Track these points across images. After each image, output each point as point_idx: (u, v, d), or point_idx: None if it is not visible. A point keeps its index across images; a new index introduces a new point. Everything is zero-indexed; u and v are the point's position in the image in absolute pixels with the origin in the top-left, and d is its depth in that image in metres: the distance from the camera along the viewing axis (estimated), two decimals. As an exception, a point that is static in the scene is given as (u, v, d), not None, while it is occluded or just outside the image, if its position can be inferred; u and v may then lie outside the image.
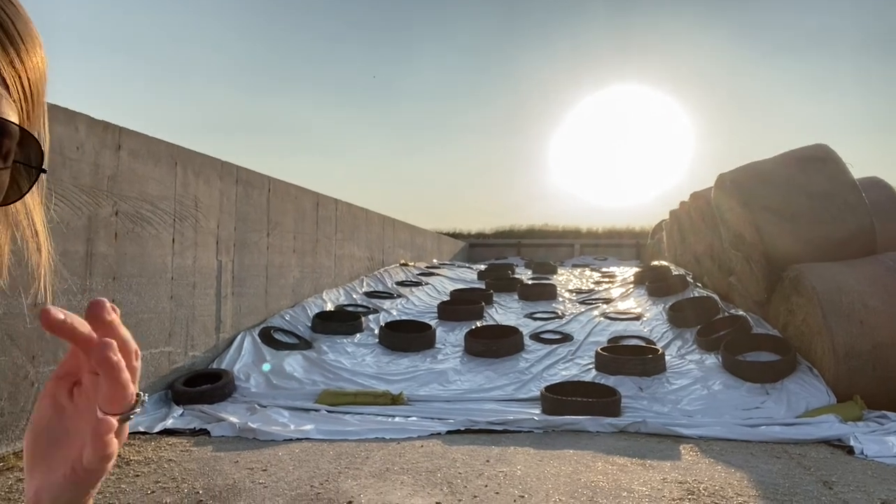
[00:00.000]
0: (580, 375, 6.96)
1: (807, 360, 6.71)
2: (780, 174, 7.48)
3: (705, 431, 5.35)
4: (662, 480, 4.17)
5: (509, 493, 3.92)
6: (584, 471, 4.36)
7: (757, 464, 4.60)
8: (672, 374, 6.84)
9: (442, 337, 8.49)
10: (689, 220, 11.14)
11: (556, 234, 33.30)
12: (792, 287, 7.10)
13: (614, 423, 5.50)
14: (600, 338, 8.33)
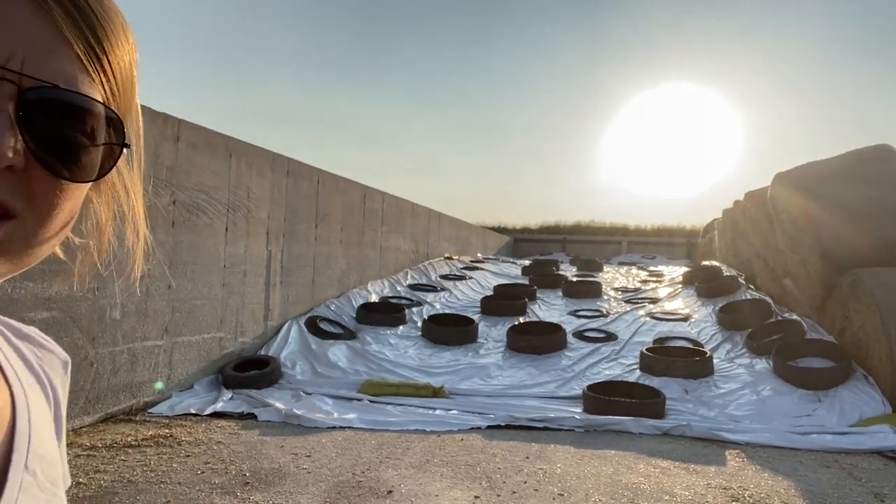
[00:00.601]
0: (624, 375, 6.88)
1: (862, 368, 6.47)
2: (841, 175, 7.21)
3: (753, 437, 5.22)
4: (706, 485, 4.10)
5: (548, 490, 3.92)
6: (626, 472, 4.32)
7: (805, 472, 4.47)
8: (720, 377, 6.69)
9: (484, 331, 8.51)
10: (743, 220, 10.83)
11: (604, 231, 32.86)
12: (850, 292, 6.84)
13: (658, 426, 5.42)
14: (646, 338, 8.21)
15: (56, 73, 0.44)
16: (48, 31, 0.44)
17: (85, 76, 0.46)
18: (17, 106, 0.43)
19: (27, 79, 0.43)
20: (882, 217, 6.83)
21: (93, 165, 0.48)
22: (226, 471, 4.01)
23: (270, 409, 5.42)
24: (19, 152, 0.43)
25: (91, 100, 0.46)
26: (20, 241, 0.46)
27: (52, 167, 0.45)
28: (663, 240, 30.23)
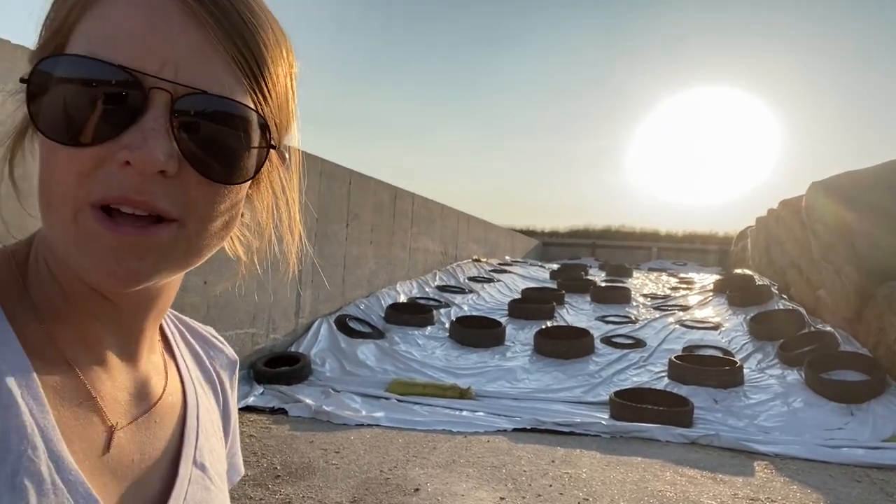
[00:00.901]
0: (652, 383, 6.84)
1: (898, 383, 6.34)
2: (879, 184, 7.07)
3: (782, 449, 5.16)
4: (733, 496, 4.08)
5: (574, 494, 3.95)
6: (652, 479, 4.31)
7: (835, 486, 4.41)
8: (750, 387, 6.61)
9: (512, 335, 8.53)
10: (777, 229, 10.67)
11: (633, 236, 32.55)
12: (886, 304, 6.71)
13: (685, 434, 5.39)
14: (675, 346, 8.15)
15: (207, 80, 0.46)
16: (199, 39, 0.46)
17: (236, 81, 0.47)
18: (170, 113, 0.45)
19: (179, 86, 0.45)
20: (922, 229, 6.69)
21: (244, 168, 0.49)
22: (258, 464, 4.12)
23: (301, 405, 5.54)
24: (173, 157, 0.45)
25: (241, 104, 0.48)
26: (183, 243, 0.47)
27: (204, 170, 0.47)
28: (695, 246, 29.84)
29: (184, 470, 0.56)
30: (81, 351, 0.51)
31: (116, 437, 0.51)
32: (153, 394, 0.57)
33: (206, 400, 0.65)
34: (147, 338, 0.57)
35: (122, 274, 0.45)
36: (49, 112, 0.45)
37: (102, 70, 0.44)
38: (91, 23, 0.46)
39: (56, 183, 0.45)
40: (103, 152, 0.44)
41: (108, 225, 0.44)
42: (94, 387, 0.51)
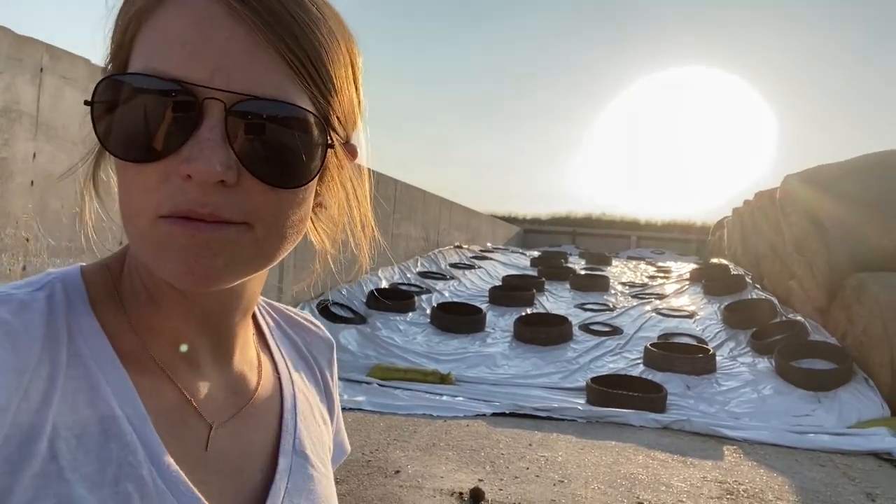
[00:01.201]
0: (627, 369, 7.01)
1: (864, 371, 6.57)
2: (850, 179, 7.27)
3: (751, 435, 5.35)
4: (702, 479, 4.24)
5: (549, 477, 4.07)
6: (625, 462, 4.46)
7: (800, 470, 4.60)
8: (722, 375, 6.81)
9: (492, 321, 8.65)
10: (752, 220, 10.89)
11: (614, 225, 32.84)
12: (854, 296, 6.93)
13: (658, 419, 5.55)
14: (651, 333, 8.33)
15: (259, 84, 0.45)
16: (248, 43, 0.45)
17: (289, 81, 0.47)
18: (224, 121, 0.44)
19: (232, 94, 0.44)
20: (889, 221, 6.89)
21: (305, 169, 0.48)
22: (241, 446, 4.19)
23: (282, 389, 5.60)
24: (231, 166, 0.44)
25: (294, 105, 0.47)
26: (252, 244, 0.47)
27: (264, 176, 0.46)
28: (673, 235, 30.21)
29: (283, 460, 0.58)
30: (175, 357, 0.53)
31: (214, 435, 0.53)
32: (248, 389, 0.58)
33: (305, 387, 0.66)
34: (238, 336, 0.58)
35: (199, 271, 0.45)
36: (113, 131, 0.46)
37: (158, 85, 0.44)
38: (146, 36, 0.46)
39: (129, 198, 0.46)
40: (167, 167, 0.44)
41: (182, 223, 0.44)
42: (189, 390, 0.53)
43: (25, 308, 0.46)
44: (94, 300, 0.51)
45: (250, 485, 0.55)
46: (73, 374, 0.46)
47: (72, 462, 0.44)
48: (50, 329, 0.47)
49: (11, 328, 0.44)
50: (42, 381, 0.45)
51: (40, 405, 0.44)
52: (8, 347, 0.43)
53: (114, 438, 0.46)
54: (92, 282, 0.52)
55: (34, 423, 0.43)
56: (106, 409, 0.46)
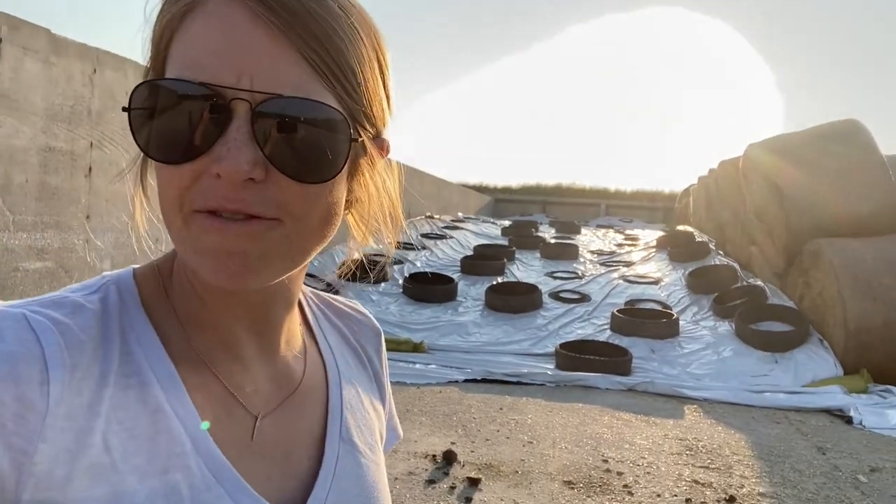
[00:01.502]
0: (595, 335, 7.21)
1: (819, 333, 6.87)
2: (809, 148, 7.49)
3: (711, 394, 5.60)
4: (664, 436, 4.45)
5: (519, 438, 4.23)
6: (591, 423, 4.65)
7: (757, 427, 4.85)
8: (685, 338, 7.05)
9: (464, 290, 8.78)
10: (716, 188, 11.14)
11: (584, 194, 33.05)
12: (811, 260, 7.20)
13: (624, 382, 5.76)
14: (618, 300, 8.54)
15: (282, 83, 0.47)
16: (271, 45, 0.47)
17: (313, 80, 0.48)
18: (251, 121, 0.46)
19: (257, 94, 0.46)
20: (845, 188, 7.15)
21: (331, 165, 0.49)
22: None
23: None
24: (259, 164, 0.46)
25: (317, 102, 0.48)
26: (284, 240, 0.49)
27: (291, 172, 0.48)
28: (642, 203, 30.56)
29: (330, 447, 0.60)
30: (220, 352, 0.55)
31: (260, 425, 0.56)
32: (294, 379, 0.60)
33: (352, 375, 0.68)
34: (283, 328, 0.60)
35: (233, 268, 0.47)
36: (149, 135, 0.48)
37: (187, 90, 0.47)
38: (178, 44, 0.49)
39: (166, 197, 0.49)
40: (199, 167, 0.47)
41: (211, 222, 0.47)
42: (233, 383, 0.55)
43: (79, 310, 0.50)
44: (146, 300, 0.54)
45: (298, 471, 0.57)
46: (125, 372, 0.49)
47: (123, 454, 0.47)
48: (103, 329, 0.50)
49: (65, 328, 0.47)
50: (94, 379, 0.47)
51: (93, 400, 0.47)
52: (62, 346, 0.46)
53: (163, 431, 0.49)
54: (144, 283, 0.55)
55: (88, 418, 0.46)
56: (155, 404, 0.49)
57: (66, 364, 0.46)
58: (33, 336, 0.45)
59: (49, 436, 0.44)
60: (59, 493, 0.44)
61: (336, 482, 0.58)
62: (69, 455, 0.45)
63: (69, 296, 0.51)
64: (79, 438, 0.45)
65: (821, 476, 3.89)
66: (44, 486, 0.44)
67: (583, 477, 3.63)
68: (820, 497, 3.58)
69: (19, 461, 0.43)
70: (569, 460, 3.88)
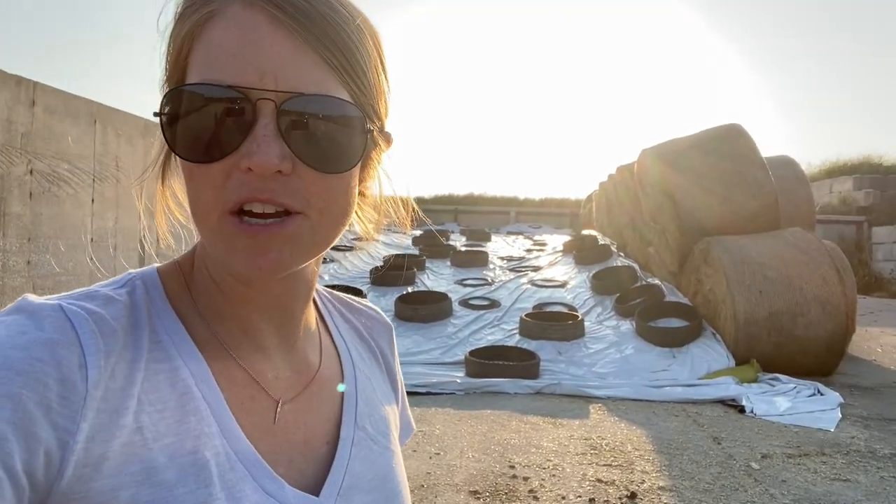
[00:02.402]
0: (504, 340, 7.25)
1: (712, 327, 7.21)
2: (697, 151, 7.89)
3: (614, 392, 5.73)
4: (569, 437, 4.49)
5: (426, 451, 4.14)
6: (499, 429, 4.62)
7: (657, 421, 4.98)
8: (590, 339, 7.22)
9: (373, 302, 8.49)
10: (615, 192, 11.57)
11: (495, 202, 33.63)
12: (702, 258, 7.56)
13: (531, 385, 5.80)
14: (526, 304, 8.65)
15: (303, 82, 0.51)
16: (290, 47, 0.51)
17: (329, 78, 0.52)
18: (276, 118, 0.50)
19: (280, 93, 0.50)
20: (730, 189, 7.57)
21: (349, 156, 0.54)
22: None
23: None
24: (286, 158, 0.50)
25: (336, 98, 0.52)
26: (309, 233, 0.53)
27: (315, 164, 0.52)
28: (550, 210, 31.43)
29: (345, 431, 0.64)
30: (243, 342, 0.59)
31: (282, 410, 0.60)
32: (311, 369, 0.65)
33: (366, 368, 0.72)
34: (301, 319, 0.64)
35: (266, 264, 0.51)
36: (180, 137, 0.51)
37: (215, 92, 0.50)
38: (200, 51, 0.52)
39: (199, 198, 0.52)
40: (229, 164, 0.50)
41: (242, 227, 0.50)
42: (255, 370, 0.59)
43: (110, 302, 0.53)
44: (170, 294, 0.58)
45: (317, 454, 0.61)
46: (155, 358, 0.53)
47: (154, 434, 0.50)
48: (133, 319, 0.54)
49: (99, 317, 0.51)
50: (126, 364, 0.51)
51: (125, 384, 0.50)
52: (97, 334, 0.50)
53: (192, 413, 0.52)
54: (167, 278, 0.59)
55: (122, 399, 0.49)
56: (184, 387, 0.53)
57: (102, 350, 0.49)
58: (70, 325, 0.49)
59: (88, 416, 0.47)
60: (95, 471, 0.47)
61: (351, 466, 0.62)
62: (105, 434, 0.48)
63: (100, 290, 0.54)
64: (113, 419, 0.48)
65: (716, 466, 4.03)
66: (82, 464, 0.46)
67: (489, 485, 3.58)
68: (716, 486, 3.69)
69: (64, 440, 0.46)
70: (476, 469, 3.83)
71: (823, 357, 6.63)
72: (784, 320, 6.61)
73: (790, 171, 9.25)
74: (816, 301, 6.59)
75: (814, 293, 6.62)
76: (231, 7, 0.51)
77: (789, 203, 8.50)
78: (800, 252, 6.91)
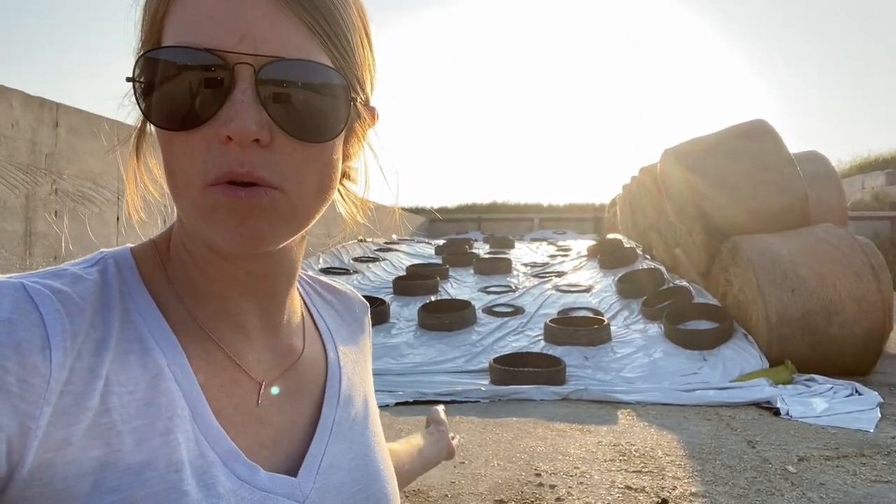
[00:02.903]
0: (529, 347, 7.15)
1: (743, 328, 7.02)
2: (721, 149, 7.73)
3: (643, 397, 5.59)
4: (597, 443, 4.38)
5: (451, 460, 4.07)
6: (525, 437, 4.53)
7: (688, 426, 4.85)
8: (617, 343, 7.09)
9: (396, 312, 8.60)
10: (639, 194, 11.41)
11: (518, 210, 33.54)
12: (730, 258, 7.39)
13: (558, 391, 5.70)
14: (551, 310, 8.54)
15: (283, 47, 0.49)
16: (270, 10, 0.49)
17: (311, 43, 0.50)
18: (255, 83, 0.48)
19: (259, 57, 0.48)
20: (756, 188, 7.39)
21: (331, 125, 0.52)
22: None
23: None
24: (264, 126, 0.48)
25: (319, 64, 0.50)
26: (287, 207, 0.51)
27: (295, 132, 0.50)
28: (574, 215, 31.22)
29: (326, 412, 0.63)
30: (222, 322, 0.57)
31: (265, 391, 0.58)
32: (295, 350, 0.64)
33: (348, 349, 0.72)
34: (285, 303, 0.63)
35: (247, 235, 0.50)
36: (156, 104, 0.49)
37: (190, 56, 0.48)
38: (175, 14, 0.50)
39: (178, 169, 0.50)
40: (209, 133, 0.48)
41: (225, 194, 0.48)
42: (236, 352, 0.57)
43: (79, 280, 0.51)
44: (144, 273, 0.56)
45: (299, 433, 0.60)
46: (126, 338, 0.51)
47: (124, 415, 0.48)
48: (103, 298, 0.51)
49: (65, 296, 0.48)
50: (94, 344, 0.49)
51: (93, 364, 0.48)
52: (62, 314, 0.47)
53: (163, 394, 0.50)
54: (141, 257, 0.57)
55: (87, 380, 0.47)
56: (155, 368, 0.51)
57: (67, 330, 0.47)
58: (32, 304, 0.46)
59: (52, 400, 0.45)
60: (59, 455, 0.45)
61: (331, 446, 0.61)
62: (70, 418, 0.46)
63: (69, 268, 0.52)
64: (79, 402, 0.46)
65: (751, 470, 3.89)
66: (45, 448, 0.44)
67: (515, 494, 3.50)
68: (751, 491, 3.56)
69: (26, 425, 0.44)
70: (501, 478, 3.75)
71: (860, 356, 6.41)
72: (818, 319, 6.41)
73: (819, 167, 9.02)
74: (851, 298, 6.38)
75: (848, 290, 6.41)
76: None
77: (819, 200, 8.28)
78: (832, 248, 6.71)
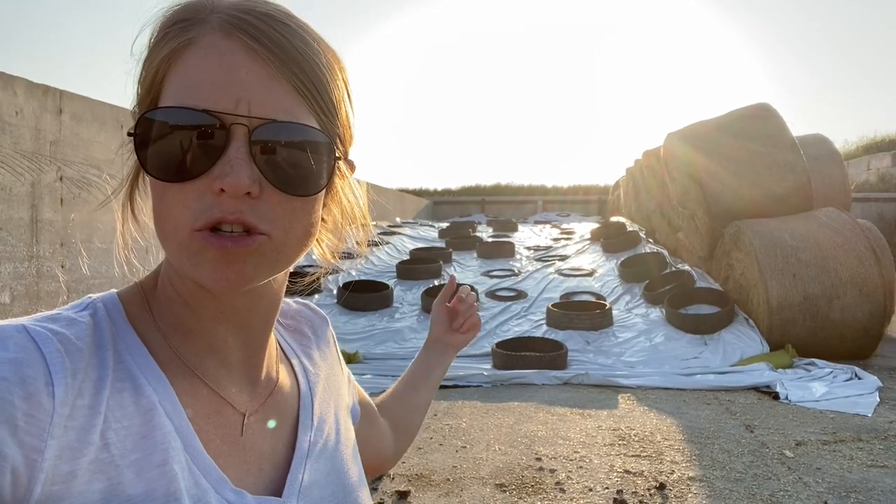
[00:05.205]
0: (531, 331, 7.21)
1: (744, 312, 7.06)
2: (725, 132, 7.70)
3: (644, 381, 5.65)
4: (597, 428, 4.44)
5: (453, 444, 4.14)
6: (526, 421, 4.60)
7: (687, 410, 4.90)
8: (618, 327, 7.13)
9: (399, 296, 8.65)
10: (642, 178, 11.39)
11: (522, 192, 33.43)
12: (732, 242, 7.40)
13: (559, 376, 5.76)
14: (553, 294, 8.58)
15: (275, 109, 0.54)
16: (264, 76, 0.54)
17: (300, 106, 0.56)
18: (249, 142, 0.53)
19: (253, 119, 0.53)
20: (760, 171, 7.38)
21: (316, 181, 0.57)
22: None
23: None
24: (255, 181, 0.53)
25: (307, 126, 0.56)
26: (272, 252, 0.56)
27: (283, 187, 0.55)
28: (578, 197, 31.12)
29: (302, 434, 0.68)
30: (207, 357, 0.61)
31: (248, 422, 0.63)
32: (272, 380, 0.68)
33: (313, 366, 0.76)
34: (266, 337, 0.67)
35: (231, 275, 0.54)
36: (154, 157, 0.54)
37: (190, 116, 0.52)
38: (176, 76, 0.54)
39: (169, 215, 0.54)
40: (202, 185, 0.53)
41: (213, 240, 0.52)
42: (220, 385, 0.62)
43: (73, 323, 0.54)
44: (131, 315, 0.60)
45: (279, 458, 0.64)
46: (119, 377, 0.54)
47: (122, 450, 0.51)
48: (96, 340, 0.55)
49: (63, 337, 0.52)
50: (92, 382, 0.52)
51: (93, 401, 0.51)
52: (62, 353, 0.51)
53: (157, 428, 0.54)
54: (128, 300, 0.61)
55: (88, 417, 0.50)
56: (148, 404, 0.55)
57: (67, 368, 0.50)
58: (34, 345, 0.50)
59: (56, 434, 0.48)
60: (64, 488, 0.47)
61: (309, 465, 0.65)
62: (74, 452, 0.48)
63: (62, 312, 0.56)
64: (81, 436, 0.49)
65: (749, 454, 3.95)
66: (51, 482, 0.47)
67: (515, 478, 3.57)
68: (748, 475, 3.62)
69: (32, 458, 0.46)
70: (502, 462, 3.81)
71: (861, 340, 6.45)
72: (819, 304, 6.44)
73: (823, 150, 8.99)
74: (852, 283, 6.40)
75: (849, 275, 6.43)
76: (209, 36, 0.54)
77: (823, 183, 8.27)
78: (833, 233, 6.71)
